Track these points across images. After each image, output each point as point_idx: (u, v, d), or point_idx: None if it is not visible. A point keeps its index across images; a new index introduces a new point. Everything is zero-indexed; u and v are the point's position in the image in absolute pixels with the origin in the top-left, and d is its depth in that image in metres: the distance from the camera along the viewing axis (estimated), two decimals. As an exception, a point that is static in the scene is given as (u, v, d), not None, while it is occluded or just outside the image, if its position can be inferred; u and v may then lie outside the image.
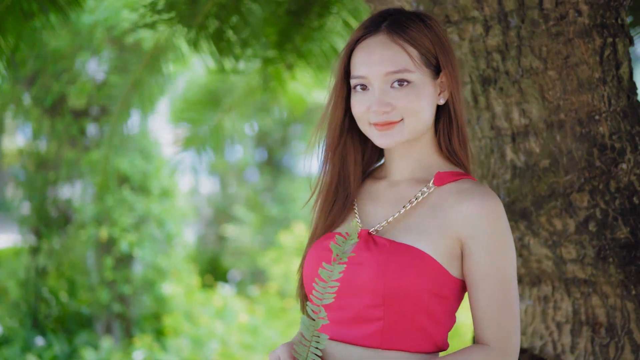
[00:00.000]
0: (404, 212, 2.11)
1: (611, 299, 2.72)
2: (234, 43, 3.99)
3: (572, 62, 2.63)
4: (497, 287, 2.05)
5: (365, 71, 2.08)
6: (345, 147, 2.22)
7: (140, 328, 7.49)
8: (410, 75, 2.06)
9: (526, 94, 2.70)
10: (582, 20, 2.62)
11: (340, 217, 2.22)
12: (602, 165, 2.68)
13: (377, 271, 2.02)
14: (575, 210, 2.71)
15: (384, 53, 2.07)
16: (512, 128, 2.76)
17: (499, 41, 2.70)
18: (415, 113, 2.07)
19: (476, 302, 2.07)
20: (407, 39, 2.07)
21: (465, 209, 2.05)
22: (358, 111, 2.12)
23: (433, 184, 2.12)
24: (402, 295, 2.01)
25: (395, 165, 2.20)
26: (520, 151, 2.77)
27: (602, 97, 2.66)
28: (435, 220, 2.07)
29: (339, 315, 2.09)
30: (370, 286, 2.03)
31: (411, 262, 2.02)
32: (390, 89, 2.07)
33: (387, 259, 2.02)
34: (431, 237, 2.05)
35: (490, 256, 2.04)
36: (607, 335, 2.73)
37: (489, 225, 2.04)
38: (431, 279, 2.02)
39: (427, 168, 2.17)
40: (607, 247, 2.67)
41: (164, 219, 7.55)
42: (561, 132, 2.69)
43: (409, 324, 2.04)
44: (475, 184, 2.11)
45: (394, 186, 2.19)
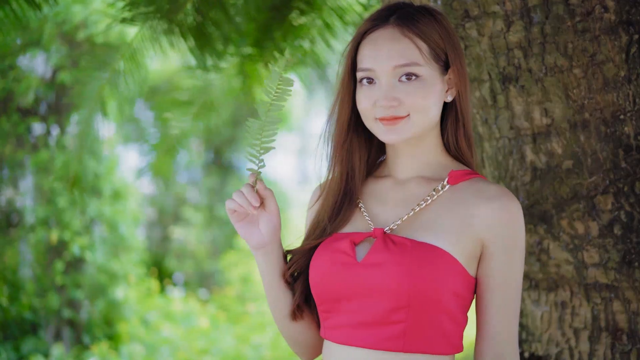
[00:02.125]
0: (418, 211, 2.03)
1: (634, 304, 2.64)
2: (215, 39, 3.83)
3: (599, 59, 2.54)
4: (511, 291, 2.03)
5: (373, 64, 2.00)
6: (352, 145, 2.14)
7: (92, 334, 7.25)
8: (419, 69, 1.98)
9: (549, 92, 2.60)
10: (609, 16, 2.53)
11: (346, 218, 2.11)
12: (628, 167, 2.59)
13: (401, 272, 1.93)
14: (599, 213, 2.62)
15: (393, 46, 1.99)
16: (532, 128, 2.67)
17: (520, 37, 2.60)
18: (423, 109, 2.00)
19: (488, 304, 2.02)
20: (417, 32, 2.00)
21: (488, 211, 2.00)
22: (364, 106, 2.04)
23: (447, 183, 2.05)
24: (427, 297, 1.93)
25: (401, 163, 2.12)
26: (542, 152, 2.67)
27: (627, 96, 2.58)
28: (454, 219, 2.00)
29: (356, 319, 1.99)
30: (393, 288, 1.93)
31: (435, 261, 1.94)
32: (398, 83, 1.99)
33: (411, 259, 1.94)
34: (451, 236, 1.98)
35: (509, 260, 2.01)
36: (629, 342, 2.65)
37: (511, 229, 2.00)
38: (453, 279, 1.96)
39: (434, 166, 2.11)
40: (632, 251, 2.59)
41: (117, 221, 7.31)
42: (585, 132, 2.60)
43: (431, 326, 1.96)
44: (492, 184, 2.06)
45: (400, 185, 2.11)
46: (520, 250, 2.01)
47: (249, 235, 2.11)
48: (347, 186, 2.13)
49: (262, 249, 2.11)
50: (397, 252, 1.95)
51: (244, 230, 2.10)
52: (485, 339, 2.02)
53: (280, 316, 2.17)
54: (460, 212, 2.00)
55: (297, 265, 2.12)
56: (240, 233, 2.11)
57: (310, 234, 2.15)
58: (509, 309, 2.02)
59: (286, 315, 2.16)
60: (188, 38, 3.83)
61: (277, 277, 2.14)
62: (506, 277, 2.00)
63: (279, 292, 2.15)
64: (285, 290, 2.15)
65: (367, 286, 1.96)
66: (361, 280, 1.96)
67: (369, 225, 2.06)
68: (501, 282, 2.00)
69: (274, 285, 2.14)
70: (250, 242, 2.11)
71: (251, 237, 2.11)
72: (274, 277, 2.14)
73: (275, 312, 2.17)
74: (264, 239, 2.11)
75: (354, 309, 1.98)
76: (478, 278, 2.02)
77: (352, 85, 2.09)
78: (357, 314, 1.98)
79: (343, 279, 1.99)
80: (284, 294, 2.15)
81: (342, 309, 2.00)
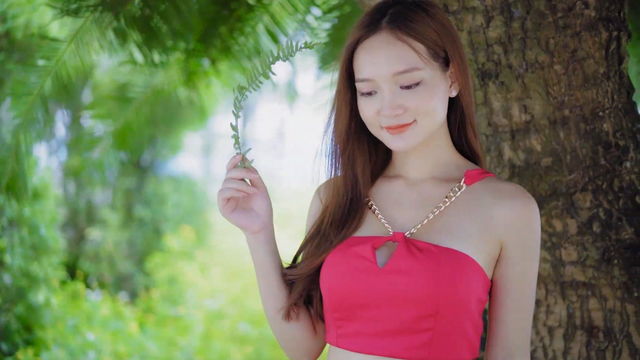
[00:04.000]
0: (437, 214, 1.97)
1: (610, 301, 2.63)
2: (164, 34, 3.70)
3: (579, 56, 2.53)
4: (526, 292, 1.99)
5: (372, 74, 1.91)
6: (354, 153, 2.06)
7: (10, 341, 6.96)
8: (419, 73, 1.90)
9: (529, 89, 2.57)
10: (589, 12, 2.51)
11: (359, 222, 2.04)
12: (607, 164, 2.59)
13: (429, 280, 1.86)
14: (578, 210, 2.61)
15: (389, 53, 1.90)
16: (511, 124, 2.64)
17: (500, 33, 2.56)
18: (429, 113, 1.92)
19: (502, 306, 1.98)
20: (412, 34, 1.91)
21: (508, 212, 1.95)
22: (367, 115, 1.96)
23: (464, 183, 1.98)
24: (455, 305, 1.87)
25: (411, 163, 2.05)
26: (520, 149, 2.64)
27: (606, 93, 2.57)
28: (475, 222, 1.95)
29: (378, 327, 1.91)
30: (422, 296, 1.87)
31: (461, 268, 1.89)
32: (400, 90, 1.91)
33: (438, 267, 1.87)
34: (474, 240, 1.93)
35: (526, 260, 1.97)
36: (605, 339, 2.65)
37: (529, 228, 1.96)
38: (478, 285, 1.91)
39: (446, 165, 2.04)
40: (611, 249, 2.58)
41: (37, 223, 7.04)
42: (565, 129, 2.59)
43: (457, 332, 1.90)
44: (507, 182, 2.01)
45: (414, 186, 2.04)
46: (537, 249, 1.97)
47: (249, 221, 2.03)
48: (353, 192, 2.05)
49: (262, 232, 2.03)
50: (423, 258, 1.88)
51: (241, 217, 2.02)
52: (497, 340, 1.98)
53: (273, 311, 2.08)
54: (480, 214, 1.95)
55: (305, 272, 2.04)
56: (238, 222, 2.02)
57: (309, 240, 2.07)
58: (523, 310, 1.97)
59: (279, 311, 2.06)
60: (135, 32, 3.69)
61: (275, 265, 2.06)
62: (522, 279, 1.96)
63: (275, 285, 2.06)
64: (282, 283, 2.07)
65: (392, 294, 1.88)
66: (386, 288, 1.89)
67: (386, 228, 1.98)
68: (517, 283, 1.96)
69: (272, 276, 2.06)
70: (252, 227, 2.03)
71: (251, 222, 2.03)
72: (272, 265, 2.06)
73: (268, 307, 2.08)
74: (264, 219, 2.04)
75: (376, 316, 1.90)
76: (494, 279, 1.97)
77: (349, 95, 2.01)
78: (380, 322, 1.90)
79: (364, 285, 1.91)
80: (279, 287, 2.07)
81: (360, 317, 1.92)
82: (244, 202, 2.04)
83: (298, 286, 2.04)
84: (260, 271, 2.07)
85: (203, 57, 4.14)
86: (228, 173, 2.00)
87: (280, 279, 2.07)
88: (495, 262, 1.96)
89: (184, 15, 3.72)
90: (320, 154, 2.08)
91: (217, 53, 4.14)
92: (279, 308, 2.06)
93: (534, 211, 1.96)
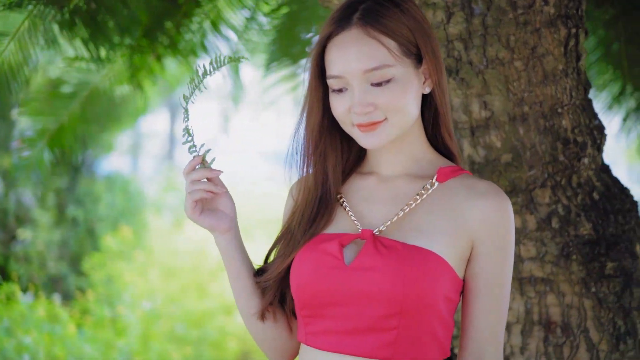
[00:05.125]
0: (408, 211, 1.94)
1: (568, 297, 2.66)
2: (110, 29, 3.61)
3: (539, 52, 2.54)
4: (498, 292, 1.95)
5: (342, 70, 1.88)
6: (325, 150, 2.03)
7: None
8: (390, 70, 1.87)
9: (489, 85, 2.58)
10: (548, 9, 2.53)
11: (329, 218, 2.01)
12: (566, 160, 2.61)
13: (394, 278, 1.83)
14: (537, 206, 2.63)
15: (360, 50, 1.87)
16: (471, 121, 2.64)
17: (461, 29, 2.56)
18: (400, 110, 1.90)
19: (474, 305, 1.94)
20: (383, 30, 1.88)
21: (480, 210, 1.91)
22: (339, 112, 1.93)
23: (436, 181, 1.95)
24: (421, 303, 1.84)
25: (385, 160, 2.02)
26: (480, 145, 2.65)
27: (565, 90, 2.59)
28: (446, 220, 1.92)
29: (344, 325, 1.88)
30: (386, 294, 1.84)
31: (428, 266, 1.86)
32: (371, 87, 1.88)
33: (404, 264, 1.84)
34: (443, 239, 1.90)
35: (498, 260, 1.93)
36: (563, 334, 2.67)
37: (502, 228, 1.92)
38: (446, 284, 1.88)
39: (420, 162, 2.01)
40: (570, 244, 2.60)
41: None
42: (524, 126, 2.60)
43: (424, 332, 1.87)
44: (481, 180, 1.98)
45: (386, 182, 2.01)
46: (511, 249, 1.94)
47: (218, 221, 2.00)
48: (323, 189, 2.02)
49: (231, 231, 2.01)
50: (389, 256, 1.86)
51: (210, 218, 2.00)
52: (469, 341, 1.95)
53: (248, 312, 2.04)
54: (451, 212, 1.92)
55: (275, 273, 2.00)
56: (207, 223, 2.00)
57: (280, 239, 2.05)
58: (495, 310, 1.94)
59: (255, 312, 2.03)
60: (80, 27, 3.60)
61: (246, 264, 2.05)
62: (494, 278, 1.92)
63: (248, 284, 2.04)
64: (254, 282, 2.05)
65: (357, 292, 1.86)
66: (351, 285, 1.86)
67: (355, 225, 1.96)
68: (489, 283, 1.92)
69: (243, 274, 2.03)
70: (221, 227, 2.00)
71: (220, 221, 2.00)
72: (243, 263, 2.04)
73: (242, 307, 2.05)
74: (231, 217, 2.02)
75: (342, 314, 1.88)
76: (466, 279, 1.94)
77: (321, 91, 1.98)
78: (346, 320, 1.87)
79: (331, 283, 1.88)
80: (252, 286, 2.04)
81: (327, 315, 1.89)
82: (209, 203, 2.02)
83: (272, 286, 2.01)
84: (232, 271, 2.04)
85: (148, 53, 4.06)
86: (190, 175, 1.96)
87: (252, 278, 2.05)
88: (466, 261, 1.92)
89: (131, 10, 3.64)
90: (293, 151, 2.05)
91: (163, 49, 4.06)
92: (254, 308, 2.04)
93: (507, 210, 1.92)
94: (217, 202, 2.01)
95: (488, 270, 1.92)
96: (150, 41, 4.00)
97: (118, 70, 4.08)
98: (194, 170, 1.97)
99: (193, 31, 4.06)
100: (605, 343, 2.64)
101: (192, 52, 4.19)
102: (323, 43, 1.94)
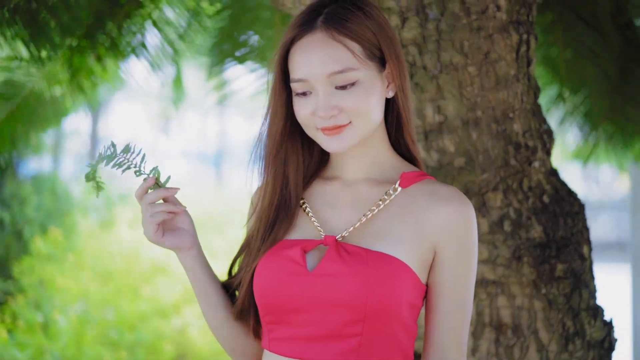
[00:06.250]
0: (370, 217, 1.94)
1: (519, 299, 2.70)
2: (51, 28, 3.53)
3: (492, 58, 2.58)
4: (461, 297, 1.95)
5: (306, 74, 1.88)
6: (287, 154, 2.02)
7: None
8: (354, 73, 1.88)
9: (443, 90, 2.60)
10: (501, 15, 2.57)
11: (290, 224, 2.00)
12: (517, 164, 2.65)
13: (357, 284, 1.84)
14: (489, 209, 2.66)
15: (324, 53, 1.87)
16: (424, 125, 2.66)
17: (415, 34, 2.58)
18: (364, 114, 1.90)
19: (437, 311, 1.95)
20: (347, 34, 1.88)
21: (442, 215, 1.92)
22: (303, 116, 1.92)
23: (399, 186, 1.96)
24: (384, 309, 1.85)
25: (348, 164, 2.02)
26: (433, 149, 2.67)
27: (516, 95, 2.64)
28: (408, 225, 1.92)
29: (307, 331, 1.88)
30: (349, 301, 1.84)
31: (390, 272, 1.86)
32: (335, 90, 1.88)
33: (367, 270, 1.85)
34: (406, 244, 1.90)
35: (461, 265, 1.94)
36: (514, 335, 2.71)
37: (465, 234, 1.93)
38: (409, 289, 1.88)
39: (383, 167, 2.01)
40: (522, 247, 2.65)
41: None
42: (477, 130, 2.63)
43: (387, 337, 1.88)
44: (444, 185, 1.98)
45: (349, 187, 2.01)
46: (473, 254, 1.94)
47: (180, 240, 1.99)
48: (283, 194, 2.01)
49: (194, 247, 2.00)
50: (352, 262, 1.85)
51: (173, 238, 1.98)
52: (432, 346, 1.96)
53: (215, 324, 2.03)
54: (414, 217, 1.92)
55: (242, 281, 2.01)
56: (170, 244, 1.98)
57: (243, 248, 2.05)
58: (459, 315, 1.94)
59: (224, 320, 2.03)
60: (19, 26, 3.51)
61: (211, 278, 2.04)
62: (458, 283, 1.93)
63: (215, 297, 2.03)
64: (221, 294, 2.05)
65: (320, 298, 1.85)
66: (314, 292, 1.86)
67: (318, 231, 1.95)
68: (452, 288, 1.93)
69: (210, 288, 2.03)
70: (185, 244, 1.99)
71: (182, 240, 1.99)
72: (209, 279, 2.03)
73: (210, 319, 2.04)
74: (192, 234, 2.01)
75: (305, 321, 1.87)
76: (429, 284, 1.94)
77: (285, 95, 1.97)
78: (309, 326, 1.87)
79: (293, 289, 1.88)
80: (218, 298, 2.04)
81: (290, 321, 1.89)
82: (168, 222, 2.00)
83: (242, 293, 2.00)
84: (198, 288, 2.04)
85: (89, 54, 3.99)
86: (145, 199, 1.94)
87: (219, 290, 2.04)
88: (429, 266, 1.93)
89: (73, 9, 3.57)
90: (254, 156, 2.03)
91: (104, 50, 4.00)
92: (221, 320, 2.04)
93: (469, 216, 1.93)
94: (176, 220, 2.00)
95: (451, 275, 1.92)
96: (91, 42, 3.93)
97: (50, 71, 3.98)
98: (149, 193, 1.94)
99: (134, 32, 4.01)
100: (555, 343, 2.69)
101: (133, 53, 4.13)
102: (287, 47, 1.93)
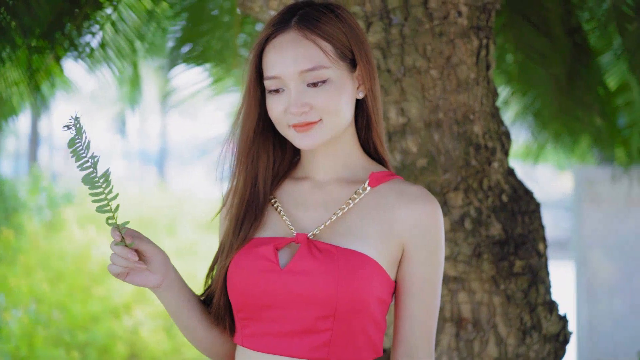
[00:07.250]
0: (340, 215, 2.01)
1: (478, 294, 2.79)
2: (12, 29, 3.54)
3: (453, 62, 2.67)
4: (429, 294, 2.02)
5: (279, 71, 1.96)
6: (257, 153, 2.08)
7: None
8: (326, 72, 1.95)
9: (406, 92, 2.69)
10: (462, 21, 2.66)
11: (259, 221, 2.06)
12: (477, 164, 2.74)
13: (328, 281, 1.90)
14: (450, 209, 2.75)
15: (297, 51, 1.95)
16: (388, 127, 2.74)
17: (379, 38, 2.66)
18: (334, 112, 1.97)
19: (406, 306, 2.01)
20: (320, 34, 1.97)
21: (410, 213, 1.99)
22: (275, 113, 1.99)
23: (368, 185, 2.03)
24: (354, 305, 1.91)
25: (318, 164, 2.08)
26: (397, 150, 2.75)
27: (476, 97, 2.73)
28: (377, 223, 1.99)
29: (280, 327, 1.94)
30: (320, 297, 1.91)
31: (361, 269, 1.93)
32: (306, 88, 1.96)
33: (338, 267, 1.91)
34: (375, 242, 1.97)
35: (428, 262, 2.01)
36: (474, 330, 2.80)
37: (432, 232, 2.00)
38: (379, 286, 1.95)
39: (352, 167, 2.08)
40: (482, 244, 2.74)
41: None
42: (439, 132, 2.72)
43: (357, 333, 1.95)
44: (412, 185, 2.06)
45: (319, 187, 2.08)
46: (441, 252, 2.02)
47: (146, 281, 2.00)
48: (252, 192, 2.06)
49: (163, 284, 2.02)
50: (323, 259, 1.92)
51: (138, 280, 2.00)
52: (400, 341, 2.02)
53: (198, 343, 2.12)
54: (383, 215, 1.99)
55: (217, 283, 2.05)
56: (137, 283, 2.00)
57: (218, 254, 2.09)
58: (426, 311, 2.01)
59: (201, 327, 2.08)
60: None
61: (189, 304, 2.07)
62: (426, 280, 2.00)
63: (195, 321, 2.08)
64: (201, 316, 2.09)
65: (292, 294, 1.92)
66: (286, 288, 1.92)
67: (289, 229, 2.01)
68: (419, 284, 1.99)
69: (189, 315, 2.08)
70: (152, 283, 2.01)
71: (148, 281, 2.00)
72: (186, 305, 2.06)
73: (191, 340, 2.12)
74: (160, 274, 2.01)
75: (278, 317, 1.93)
76: (398, 281, 2.01)
77: (259, 93, 2.03)
78: (281, 322, 1.93)
79: (266, 286, 1.93)
80: (199, 321, 2.09)
81: (263, 317, 1.95)
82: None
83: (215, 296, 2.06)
84: (177, 317, 2.08)
85: (47, 54, 3.99)
86: (112, 248, 1.95)
87: (199, 313, 2.09)
88: (397, 263, 1.99)
89: (34, 10, 3.58)
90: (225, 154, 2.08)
91: (62, 50, 4.00)
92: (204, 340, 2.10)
93: (437, 214, 2.00)
94: (144, 260, 2.00)
95: (419, 272, 1.99)
96: (50, 42, 3.93)
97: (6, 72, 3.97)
98: (115, 244, 1.94)
99: (93, 32, 4.02)
100: (513, 337, 2.78)
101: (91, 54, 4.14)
102: (261, 45, 2.00)
